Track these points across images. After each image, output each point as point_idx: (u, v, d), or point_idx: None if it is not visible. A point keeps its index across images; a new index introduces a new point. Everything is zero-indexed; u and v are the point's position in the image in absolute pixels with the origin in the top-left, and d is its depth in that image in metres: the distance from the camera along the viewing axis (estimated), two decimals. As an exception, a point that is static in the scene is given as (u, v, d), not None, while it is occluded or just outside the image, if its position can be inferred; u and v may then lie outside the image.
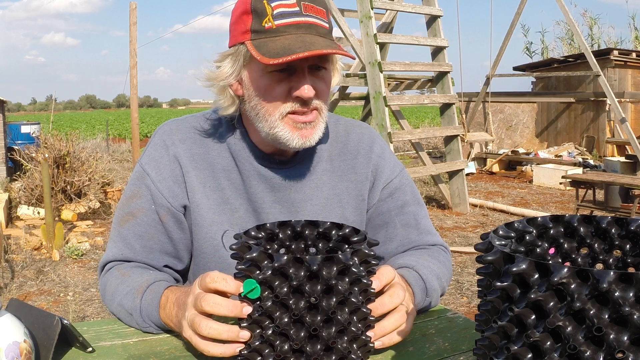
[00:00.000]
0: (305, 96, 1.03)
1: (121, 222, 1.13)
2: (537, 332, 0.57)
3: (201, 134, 1.17)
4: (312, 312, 0.77)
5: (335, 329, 0.78)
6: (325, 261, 0.76)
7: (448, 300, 4.22)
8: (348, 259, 0.77)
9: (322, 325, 0.77)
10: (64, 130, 15.05)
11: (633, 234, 0.72)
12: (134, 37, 8.70)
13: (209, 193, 1.14)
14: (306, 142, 1.07)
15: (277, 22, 1.01)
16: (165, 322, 0.95)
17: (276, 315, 0.77)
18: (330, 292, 0.77)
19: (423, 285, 1.05)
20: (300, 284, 0.75)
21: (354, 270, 0.78)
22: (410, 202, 1.23)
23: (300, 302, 0.76)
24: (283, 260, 0.75)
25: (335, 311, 0.77)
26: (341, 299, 0.77)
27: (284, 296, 0.76)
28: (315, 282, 0.76)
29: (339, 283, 0.77)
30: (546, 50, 22.76)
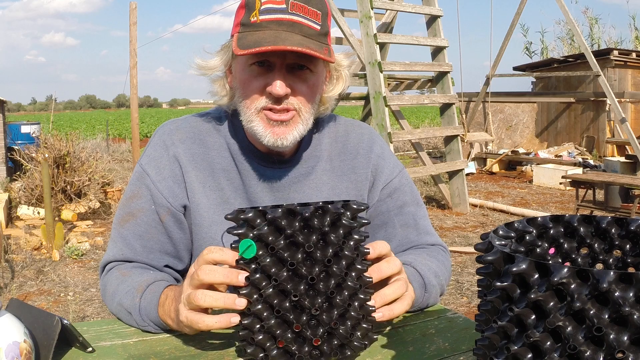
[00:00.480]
0: (274, 93, 1.03)
1: (121, 223, 1.13)
2: (537, 332, 0.57)
3: (201, 134, 1.17)
4: (308, 263, 0.78)
5: (334, 281, 0.79)
6: (317, 210, 0.78)
7: (448, 300, 4.22)
8: (338, 209, 0.80)
9: (320, 277, 0.79)
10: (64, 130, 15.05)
11: (633, 234, 0.72)
12: (134, 37, 8.70)
13: (209, 193, 1.14)
14: (278, 141, 1.07)
15: (261, 17, 1.03)
16: (163, 319, 0.95)
17: (274, 271, 0.77)
18: (325, 243, 0.79)
19: (421, 281, 1.05)
20: (294, 234, 0.77)
21: (345, 222, 0.80)
22: (410, 202, 1.23)
23: (297, 254, 0.78)
24: (277, 212, 0.77)
25: (331, 262, 0.78)
26: (336, 250, 0.79)
27: (280, 249, 0.77)
28: (309, 233, 0.78)
29: (332, 233, 0.79)
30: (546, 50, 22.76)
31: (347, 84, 1.18)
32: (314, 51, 1.00)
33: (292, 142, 1.08)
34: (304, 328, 0.78)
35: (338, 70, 1.15)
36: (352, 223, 0.81)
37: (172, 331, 0.98)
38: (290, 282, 0.77)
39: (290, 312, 0.78)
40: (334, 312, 0.79)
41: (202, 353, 0.89)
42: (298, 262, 0.77)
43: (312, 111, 1.11)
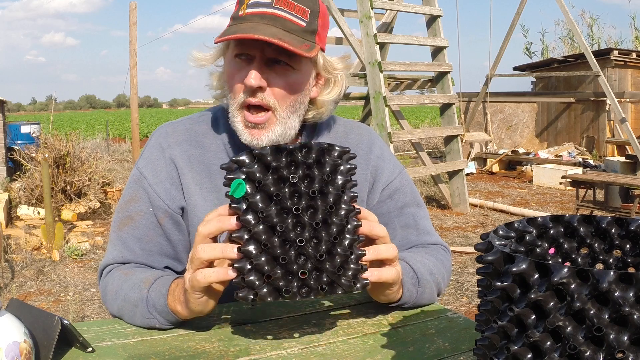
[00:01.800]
0: (247, 83, 1.04)
1: (120, 226, 1.13)
2: (537, 332, 0.57)
3: (197, 136, 1.17)
4: (295, 199, 0.81)
5: (321, 214, 0.81)
6: (302, 148, 0.83)
7: (448, 300, 4.22)
8: (322, 146, 0.84)
9: (305, 211, 0.81)
10: (64, 130, 15.06)
11: (633, 234, 0.72)
12: (134, 37, 8.70)
13: (206, 194, 1.14)
14: (253, 141, 1.08)
15: (247, 11, 1.05)
16: (173, 306, 0.95)
17: (261, 207, 0.80)
18: (310, 178, 0.83)
19: (414, 275, 1.05)
20: (279, 168, 0.81)
21: (329, 160, 0.84)
22: (410, 203, 1.23)
23: (283, 189, 0.81)
24: (265, 150, 0.82)
25: (316, 196, 0.81)
26: (322, 185, 0.82)
27: (266, 182, 0.81)
28: (295, 168, 0.82)
29: (317, 169, 0.83)
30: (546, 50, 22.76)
31: (345, 88, 1.18)
32: (286, 44, 1.00)
33: (267, 142, 1.08)
34: (291, 262, 0.80)
35: (332, 73, 1.13)
36: (337, 161, 0.85)
37: (175, 328, 0.98)
38: (277, 216, 0.80)
39: (278, 248, 0.80)
40: (321, 246, 0.81)
41: (202, 353, 0.89)
42: (284, 195, 0.80)
43: (292, 110, 1.09)
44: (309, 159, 0.82)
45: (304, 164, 0.82)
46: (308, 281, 0.82)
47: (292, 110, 1.09)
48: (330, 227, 0.82)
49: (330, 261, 0.82)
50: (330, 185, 0.83)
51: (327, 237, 0.82)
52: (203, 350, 0.90)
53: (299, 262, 0.81)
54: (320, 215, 0.81)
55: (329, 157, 0.84)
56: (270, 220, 0.80)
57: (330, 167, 0.84)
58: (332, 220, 0.82)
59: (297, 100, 1.10)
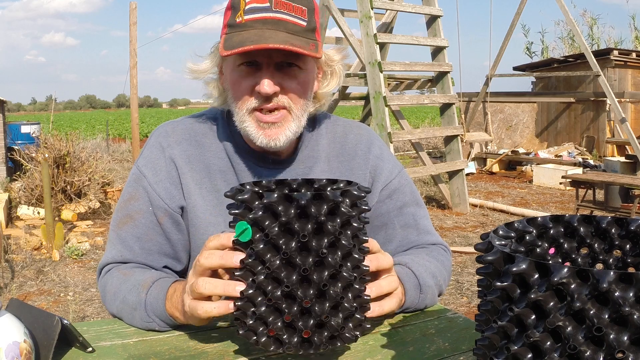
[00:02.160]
0: (262, 92, 1.03)
1: (119, 225, 1.13)
2: (537, 332, 0.57)
3: (197, 135, 1.17)
4: (303, 253, 0.76)
5: (328, 272, 0.77)
6: (315, 198, 0.76)
7: (448, 300, 4.22)
8: (337, 197, 0.77)
9: (313, 268, 0.76)
10: (64, 130, 15.05)
11: (633, 234, 0.72)
12: (134, 37, 8.70)
13: (205, 194, 1.14)
14: (270, 142, 1.07)
15: (246, 17, 1.03)
16: (171, 312, 0.95)
17: (267, 258, 0.76)
18: (321, 232, 0.76)
19: (416, 282, 1.05)
20: (289, 221, 0.75)
21: (343, 210, 0.77)
22: (410, 202, 1.23)
23: (291, 242, 0.76)
24: (273, 197, 0.75)
25: (326, 252, 0.76)
26: (332, 240, 0.77)
27: (274, 235, 0.75)
28: (305, 221, 0.76)
29: (329, 222, 0.76)
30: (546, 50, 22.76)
31: (342, 79, 1.18)
32: (298, 47, 1.00)
33: (285, 142, 1.08)
34: (295, 318, 0.77)
35: (330, 65, 1.15)
36: (351, 212, 0.78)
37: (174, 329, 0.98)
38: (283, 270, 0.76)
39: (282, 301, 0.77)
40: (326, 304, 0.78)
41: (202, 353, 0.89)
42: (292, 251, 0.75)
43: (304, 108, 1.11)
44: (321, 215, 0.76)
45: (315, 218, 0.76)
46: (311, 337, 0.78)
47: (305, 108, 1.11)
48: (337, 282, 0.78)
49: (335, 317, 0.79)
50: (342, 238, 0.78)
51: (334, 294, 0.78)
52: (203, 350, 0.90)
53: (303, 317, 0.78)
54: (327, 272, 0.77)
55: (344, 207, 0.77)
56: (275, 274, 0.77)
57: (343, 219, 0.78)
58: (340, 276, 0.78)
59: (308, 97, 1.11)
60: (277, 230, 0.76)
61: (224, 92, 1.14)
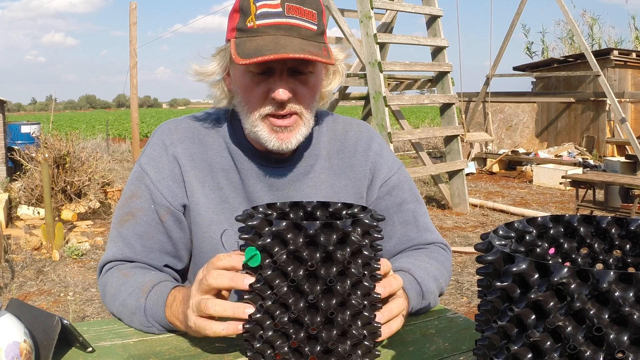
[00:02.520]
0: (278, 99, 1.03)
1: (121, 222, 1.13)
2: (537, 332, 0.57)
3: (199, 134, 1.17)
4: (311, 281, 0.76)
5: (336, 300, 0.76)
6: (324, 227, 0.75)
7: (448, 300, 4.22)
8: (347, 226, 0.76)
9: (321, 296, 0.76)
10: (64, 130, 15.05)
11: (633, 234, 0.72)
12: (134, 37, 8.70)
13: (208, 192, 1.14)
14: (283, 145, 1.08)
15: (258, 22, 1.02)
16: (171, 320, 0.95)
17: (275, 284, 0.76)
18: (330, 261, 0.76)
19: (419, 289, 1.05)
20: (298, 250, 0.75)
21: (354, 239, 0.77)
22: (409, 199, 1.23)
23: (299, 269, 0.75)
24: (281, 225, 0.75)
25: (335, 281, 0.76)
26: (341, 269, 0.76)
27: (282, 263, 0.75)
28: (314, 249, 0.75)
29: (338, 251, 0.76)
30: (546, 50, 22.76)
31: (344, 78, 1.18)
32: (315, 55, 1.00)
33: (295, 144, 1.09)
34: (302, 344, 0.77)
35: (335, 65, 1.15)
36: (362, 241, 0.77)
37: (174, 331, 0.98)
38: (290, 297, 0.76)
39: (289, 326, 0.77)
40: (333, 332, 0.77)
41: (202, 353, 0.89)
42: (299, 278, 0.75)
43: (313, 110, 1.12)
44: (330, 244, 0.75)
45: (324, 247, 0.75)
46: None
47: (313, 110, 1.12)
48: (345, 310, 0.77)
49: (343, 344, 0.78)
50: (352, 267, 0.77)
51: (341, 322, 0.77)
52: (203, 350, 0.90)
53: (310, 343, 0.77)
54: (335, 300, 0.76)
55: (354, 236, 0.76)
56: (283, 299, 0.76)
57: (353, 248, 0.77)
58: (349, 304, 0.77)
59: (316, 99, 1.12)
60: (286, 257, 0.76)
61: (230, 94, 1.14)
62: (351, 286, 0.77)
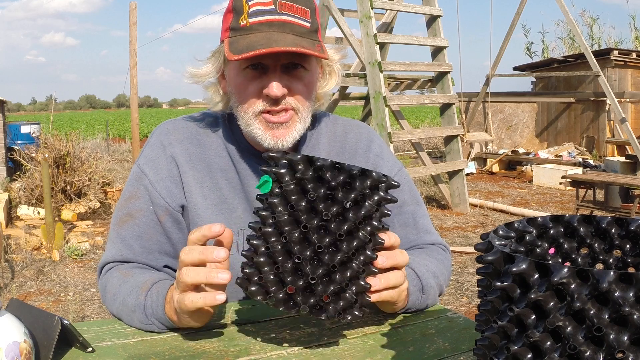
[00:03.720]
0: (272, 94, 1.03)
1: (120, 223, 1.13)
2: (537, 332, 0.57)
3: (198, 134, 1.17)
4: (339, 220, 0.80)
5: (329, 240, 0.80)
6: (362, 175, 0.81)
7: (448, 300, 4.22)
8: (380, 177, 0.82)
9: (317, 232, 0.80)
10: (64, 130, 15.05)
11: (633, 234, 0.72)
12: (134, 37, 8.70)
13: (207, 193, 1.14)
14: (278, 143, 1.07)
15: (251, 20, 1.02)
16: (169, 315, 0.95)
17: (278, 210, 0.80)
18: (332, 201, 0.80)
19: (419, 283, 1.05)
20: (336, 187, 0.79)
21: (382, 194, 0.82)
22: (409, 201, 1.23)
23: (333, 207, 0.79)
24: (297, 157, 0.80)
25: (330, 219, 0.80)
26: (339, 211, 0.80)
27: (287, 189, 0.79)
28: (349, 191, 0.80)
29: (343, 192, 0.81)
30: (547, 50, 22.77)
31: (340, 79, 1.18)
32: (308, 49, 1.00)
33: (291, 142, 1.09)
34: (304, 263, 0.80)
35: (330, 65, 1.15)
36: (365, 190, 0.81)
37: (174, 330, 0.98)
38: (289, 225, 0.80)
39: (289, 274, 0.80)
40: (319, 269, 0.80)
41: (202, 353, 0.89)
42: (300, 208, 0.79)
43: (309, 108, 1.11)
44: (335, 181, 0.79)
45: (328, 183, 0.79)
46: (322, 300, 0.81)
47: (309, 109, 1.11)
48: (334, 254, 0.80)
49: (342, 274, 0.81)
50: (350, 213, 0.80)
51: (328, 262, 0.80)
52: (203, 350, 0.90)
53: (305, 294, 0.81)
54: (328, 239, 0.79)
55: (359, 183, 0.80)
56: (280, 228, 0.80)
57: (356, 194, 0.80)
58: (341, 247, 0.80)
59: (312, 97, 1.12)
60: (292, 188, 0.80)
61: (225, 96, 1.14)
62: (347, 231, 0.81)
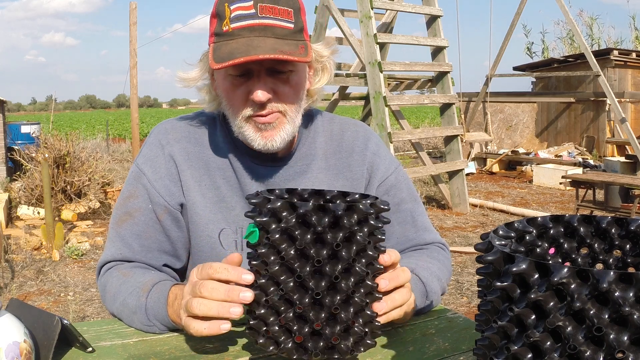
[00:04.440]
0: (257, 100, 1.04)
1: (119, 222, 1.13)
2: (537, 332, 0.57)
3: (195, 133, 1.18)
4: (333, 261, 0.77)
5: (354, 280, 0.78)
6: (348, 210, 0.76)
7: (448, 300, 4.22)
8: (368, 209, 0.78)
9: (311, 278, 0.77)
10: (64, 130, 15.04)
11: (633, 234, 0.72)
12: (134, 37, 8.70)
13: (205, 191, 1.14)
14: (268, 144, 1.08)
15: (232, 25, 1.02)
16: (173, 318, 0.95)
17: (297, 266, 0.77)
18: (350, 242, 0.77)
19: (423, 289, 1.05)
20: (323, 232, 0.76)
21: (372, 223, 0.78)
22: (407, 199, 1.23)
23: (323, 250, 0.76)
24: (308, 207, 0.76)
25: (355, 260, 0.78)
26: (360, 249, 0.78)
27: (306, 245, 0.76)
28: (337, 230, 0.76)
29: (359, 232, 0.77)
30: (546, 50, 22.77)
31: (333, 73, 1.18)
32: (288, 54, 1.00)
33: (281, 143, 1.09)
34: (306, 340, 0.78)
35: (320, 61, 1.14)
36: (353, 227, 0.77)
37: (175, 330, 0.98)
38: (282, 274, 0.77)
39: (294, 323, 0.78)
40: (336, 328, 0.78)
41: (202, 353, 0.89)
42: (290, 257, 0.77)
43: (298, 109, 1.11)
44: (322, 223, 0.75)
45: (315, 228, 0.76)
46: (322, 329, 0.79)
47: (298, 109, 1.11)
48: (334, 295, 0.78)
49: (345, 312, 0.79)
50: (343, 251, 0.77)
51: (330, 305, 0.78)
52: (203, 350, 0.90)
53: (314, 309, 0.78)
54: (324, 283, 0.77)
55: (346, 220, 0.76)
56: (275, 278, 0.78)
57: (345, 233, 0.77)
58: (339, 288, 0.78)
59: (300, 97, 1.11)
60: (278, 237, 0.77)
61: (217, 98, 1.14)
62: (341, 272, 0.78)
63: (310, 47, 1.07)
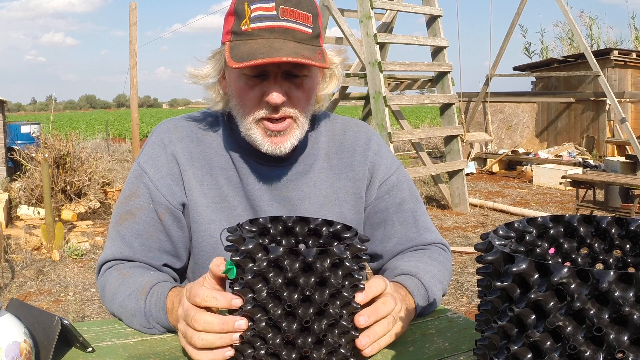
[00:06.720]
0: (272, 102, 1.03)
1: (120, 221, 1.13)
2: (537, 332, 0.57)
3: (198, 133, 1.17)
4: (305, 304, 0.77)
5: (327, 322, 0.78)
6: (320, 254, 0.76)
7: (448, 300, 4.22)
8: (342, 252, 0.78)
9: (314, 318, 0.77)
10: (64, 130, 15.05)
11: (633, 234, 0.72)
12: (134, 37, 8.70)
13: (207, 191, 1.14)
14: (276, 149, 1.08)
15: (252, 25, 1.02)
16: (174, 324, 0.95)
17: (270, 307, 0.77)
18: (324, 285, 0.77)
19: (425, 294, 1.05)
20: (295, 276, 0.76)
21: (347, 265, 0.78)
22: (408, 199, 1.23)
23: (294, 294, 0.76)
24: (279, 251, 0.76)
25: (328, 304, 0.77)
26: (334, 292, 0.78)
27: (278, 288, 0.76)
28: (309, 275, 0.76)
29: (332, 276, 0.77)
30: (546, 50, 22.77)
31: (341, 81, 1.18)
32: (309, 59, 0.99)
33: (289, 148, 1.09)
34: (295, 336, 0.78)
35: (331, 68, 1.15)
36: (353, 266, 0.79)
37: (175, 331, 0.98)
38: (284, 320, 0.77)
39: (282, 348, 0.78)
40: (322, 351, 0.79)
41: (202, 353, 0.89)
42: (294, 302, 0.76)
43: (308, 114, 1.11)
44: (294, 269, 0.75)
45: (286, 273, 0.76)
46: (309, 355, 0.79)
47: (308, 114, 1.12)
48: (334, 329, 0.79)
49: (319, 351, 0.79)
50: (316, 295, 0.77)
51: (332, 341, 0.78)
52: (203, 350, 0.90)
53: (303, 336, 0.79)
54: (295, 326, 0.77)
55: (319, 265, 0.76)
56: (252, 315, 0.78)
57: (317, 278, 0.76)
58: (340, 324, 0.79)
59: (311, 102, 1.12)
60: (251, 278, 0.77)
61: (225, 96, 1.14)
62: (341, 307, 0.79)
63: (326, 53, 1.07)
